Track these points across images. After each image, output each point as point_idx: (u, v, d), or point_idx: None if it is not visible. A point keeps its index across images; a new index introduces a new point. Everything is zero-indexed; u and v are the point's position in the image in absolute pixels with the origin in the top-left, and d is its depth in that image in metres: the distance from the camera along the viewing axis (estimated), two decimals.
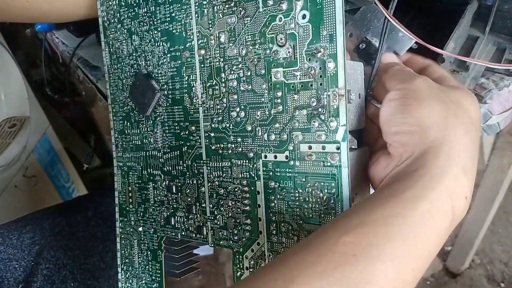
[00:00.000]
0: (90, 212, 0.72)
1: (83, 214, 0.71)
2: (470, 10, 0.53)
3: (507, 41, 0.58)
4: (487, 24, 0.55)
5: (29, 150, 1.00)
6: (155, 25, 0.49)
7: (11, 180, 0.96)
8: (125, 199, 0.54)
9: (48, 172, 1.09)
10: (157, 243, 0.51)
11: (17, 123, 0.92)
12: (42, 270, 0.62)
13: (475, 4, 0.54)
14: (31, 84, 0.97)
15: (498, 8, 0.54)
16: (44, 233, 0.65)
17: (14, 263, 0.61)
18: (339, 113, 0.36)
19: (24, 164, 0.99)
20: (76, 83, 0.81)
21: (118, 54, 0.53)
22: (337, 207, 0.37)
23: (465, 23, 0.53)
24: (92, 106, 1.07)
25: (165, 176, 0.50)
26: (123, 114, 0.53)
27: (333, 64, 0.36)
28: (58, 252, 0.65)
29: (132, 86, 0.51)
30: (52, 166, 1.10)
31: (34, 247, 0.64)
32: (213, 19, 0.43)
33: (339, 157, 0.36)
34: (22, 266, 0.61)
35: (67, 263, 0.65)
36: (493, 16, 0.54)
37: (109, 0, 0.52)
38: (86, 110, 1.09)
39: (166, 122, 0.49)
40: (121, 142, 0.54)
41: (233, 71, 0.43)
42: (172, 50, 0.47)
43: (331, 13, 0.36)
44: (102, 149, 0.60)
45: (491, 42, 0.58)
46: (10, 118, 0.90)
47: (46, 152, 1.08)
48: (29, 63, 1.02)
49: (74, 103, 0.94)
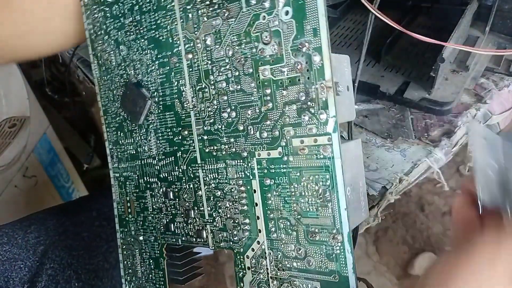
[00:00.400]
0: (94, 212, 0.73)
1: (87, 214, 0.72)
2: (470, 10, 0.54)
3: (507, 41, 0.59)
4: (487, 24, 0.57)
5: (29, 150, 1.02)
6: (141, 34, 0.49)
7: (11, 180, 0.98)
8: (124, 210, 0.54)
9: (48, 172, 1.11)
10: (159, 250, 0.51)
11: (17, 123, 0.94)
12: (46, 270, 0.63)
13: (475, 4, 0.55)
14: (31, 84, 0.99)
15: (498, 8, 0.55)
16: (49, 233, 0.66)
17: (19, 263, 0.62)
18: (328, 105, 0.37)
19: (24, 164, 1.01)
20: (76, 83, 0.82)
21: (107, 66, 0.53)
22: (333, 198, 0.37)
23: (465, 23, 0.54)
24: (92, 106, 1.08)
25: (161, 183, 0.50)
26: (116, 125, 0.54)
27: (319, 57, 0.37)
28: (63, 252, 0.65)
29: (122, 96, 0.52)
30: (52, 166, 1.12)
31: (39, 247, 0.64)
32: (198, 22, 0.44)
33: (331, 148, 0.37)
34: (27, 266, 0.62)
35: (71, 262, 0.66)
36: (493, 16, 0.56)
37: (94, 13, 0.53)
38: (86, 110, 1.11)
39: (159, 129, 0.49)
40: (116, 152, 0.54)
41: (221, 72, 0.43)
42: (160, 57, 0.48)
43: (313, 8, 0.36)
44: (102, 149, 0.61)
45: (491, 42, 0.59)
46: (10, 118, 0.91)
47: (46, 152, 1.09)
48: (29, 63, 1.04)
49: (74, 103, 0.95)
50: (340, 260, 0.38)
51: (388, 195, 0.54)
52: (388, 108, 0.61)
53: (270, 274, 0.42)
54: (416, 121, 0.59)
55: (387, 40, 0.63)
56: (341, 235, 0.37)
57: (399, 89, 0.60)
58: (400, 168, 0.55)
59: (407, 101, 0.59)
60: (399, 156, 0.56)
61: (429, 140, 0.57)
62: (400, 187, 0.54)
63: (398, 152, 0.56)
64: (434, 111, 0.58)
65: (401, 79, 0.61)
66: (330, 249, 0.38)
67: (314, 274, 0.39)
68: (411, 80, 0.60)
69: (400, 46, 0.65)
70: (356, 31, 0.68)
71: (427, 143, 0.57)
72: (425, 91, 0.58)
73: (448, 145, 0.57)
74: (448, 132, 0.57)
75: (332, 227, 0.38)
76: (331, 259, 0.38)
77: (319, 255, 0.39)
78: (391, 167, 0.55)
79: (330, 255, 0.38)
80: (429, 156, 0.55)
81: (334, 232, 0.38)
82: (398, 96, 0.59)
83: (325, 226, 0.38)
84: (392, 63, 0.63)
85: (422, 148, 0.57)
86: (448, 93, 0.57)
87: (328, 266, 0.38)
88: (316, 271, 0.39)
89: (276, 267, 0.42)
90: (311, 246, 0.39)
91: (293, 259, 0.41)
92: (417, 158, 0.56)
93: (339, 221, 0.37)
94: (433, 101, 0.57)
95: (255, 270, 0.43)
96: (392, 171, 0.54)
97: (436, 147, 0.56)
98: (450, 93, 0.57)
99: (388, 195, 0.54)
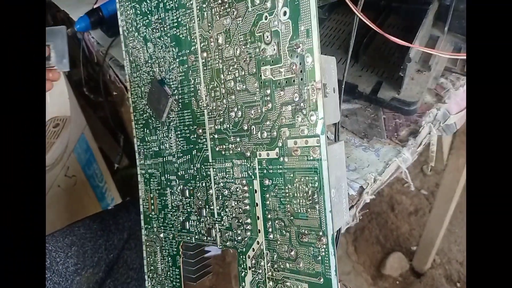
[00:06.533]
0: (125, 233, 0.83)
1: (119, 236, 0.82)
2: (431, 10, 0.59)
3: (463, 41, 0.64)
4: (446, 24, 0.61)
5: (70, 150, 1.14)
6: (165, 31, 0.57)
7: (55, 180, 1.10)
8: (148, 206, 0.63)
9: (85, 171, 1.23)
10: (176, 248, 0.59)
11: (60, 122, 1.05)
12: None
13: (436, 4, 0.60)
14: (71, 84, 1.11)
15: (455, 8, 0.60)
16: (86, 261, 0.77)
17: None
18: (318, 107, 0.43)
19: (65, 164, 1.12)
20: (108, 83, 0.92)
21: (136, 63, 0.62)
22: (320, 200, 0.43)
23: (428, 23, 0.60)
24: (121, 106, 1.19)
25: (179, 180, 0.58)
26: (142, 121, 0.62)
27: (311, 58, 0.42)
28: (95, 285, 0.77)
29: (149, 93, 0.60)
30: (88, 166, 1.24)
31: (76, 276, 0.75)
32: (212, 21, 0.51)
33: (319, 150, 0.43)
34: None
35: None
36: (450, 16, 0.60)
37: (127, 9, 0.62)
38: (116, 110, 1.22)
39: (178, 127, 0.57)
40: (142, 149, 0.63)
41: (230, 72, 0.50)
42: (180, 55, 0.56)
43: (306, 8, 0.42)
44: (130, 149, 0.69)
45: (450, 42, 0.64)
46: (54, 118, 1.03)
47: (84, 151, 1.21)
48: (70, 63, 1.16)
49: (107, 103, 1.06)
50: (325, 262, 0.43)
51: (365, 195, 0.59)
52: (365, 108, 0.67)
53: (267, 274, 0.49)
54: (388, 121, 0.63)
55: (364, 39, 0.68)
56: (326, 238, 0.43)
57: (373, 89, 0.65)
58: (374, 168, 0.60)
59: (380, 101, 0.64)
60: (373, 156, 0.61)
61: (398, 140, 0.62)
62: (375, 186, 0.60)
63: (373, 152, 0.61)
64: (402, 110, 0.63)
65: (375, 79, 0.66)
66: (317, 251, 0.44)
67: (303, 276, 0.45)
68: (383, 80, 0.65)
69: (374, 46, 0.70)
70: (338, 30, 0.73)
71: (397, 143, 0.62)
72: (395, 91, 0.63)
73: (414, 145, 0.61)
74: (414, 132, 0.62)
75: (318, 229, 0.44)
76: (318, 261, 0.44)
77: (308, 257, 0.45)
78: (367, 167, 0.60)
79: (316, 257, 0.44)
80: (398, 156, 0.60)
81: (321, 234, 0.43)
82: (372, 96, 0.64)
83: (313, 228, 0.44)
84: (368, 63, 0.68)
85: (392, 148, 0.62)
86: (414, 93, 0.62)
87: (315, 268, 0.44)
88: (305, 272, 0.45)
89: (272, 268, 0.48)
90: (301, 247, 0.45)
91: (286, 260, 0.47)
92: (389, 158, 0.61)
93: (325, 223, 0.43)
94: (402, 100, 0.62)
95: (255, 270, 0.50)
96: (368, 171, 0.60)
97: (404, 147, 0.61)
98: (416, 92, 0.62)
99: (364, 195, 0.59)
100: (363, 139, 0.62)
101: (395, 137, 0.62)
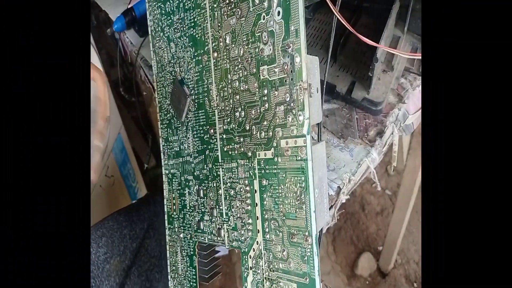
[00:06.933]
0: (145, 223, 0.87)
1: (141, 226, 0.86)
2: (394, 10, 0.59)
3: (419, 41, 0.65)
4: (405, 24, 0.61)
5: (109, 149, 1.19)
6: (184, 31, 0.59)
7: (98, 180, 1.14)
8: (171, 207, 0.65)
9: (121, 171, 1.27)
10: (193, 248, 0.61)
11: None
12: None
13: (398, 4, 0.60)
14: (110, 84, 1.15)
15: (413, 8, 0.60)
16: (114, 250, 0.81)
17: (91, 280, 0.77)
18: (304, 107, 0.43)
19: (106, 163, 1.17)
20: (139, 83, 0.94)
21: (161, 63, 0.64)
22: (306, 200, 0.44)
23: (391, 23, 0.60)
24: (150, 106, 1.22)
25: (195, 181, 0.60)
26: (166, 121, 0.64)
27: (299, 58, 0.43)
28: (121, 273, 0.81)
29: (171, 93, 0.62)
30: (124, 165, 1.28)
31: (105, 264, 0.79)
32: (221, 21, 0.53)
33: (306, 150, 0.43)
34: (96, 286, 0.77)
35: None
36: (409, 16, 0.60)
37: (155, 9, 0.64)
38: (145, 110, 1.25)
39: (194, 127, 0.59)
40: (166, 149, 0.65)
41: (235, 72, 0.51)
42: (196, 55, 0.57)
43: (296, 8, 0.43)
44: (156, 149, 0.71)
45: (408, 42, 0.65)
46: None
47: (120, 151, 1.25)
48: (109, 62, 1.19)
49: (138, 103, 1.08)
50: (310, 262, 0.44)
51: (341, 194, 0.60)
52: (341, 108, 0.67)
53: (265, 274, 0.49)
54: (359, 121, 0.63)
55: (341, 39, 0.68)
56: (311, 238, 0.44)
57: (349, 88, 0.65)
58: (349, 168, 0.60)
59: (353, 101, 0.64)
60: (348, 156, 0.61)
61: (367, 140, 0.62)
62: (349, 186, 0.60)
63: (348, 152, 0.61)
64: (371, 110, 0.63)
65: (350, 79, 0.66)
66: (304, 251, 0.44)
67: (293, 276, 0.46)
68: (356, 80, 0.65)
69: (350, 46, 0.69)
70: (321, 30, 0.72)
71: (367, 143, 0.62)
72: (365, 91, 0.63)
73: (380, 145, 0.62)
74: (380, 132, 0.62)
75: (305, 229, 0.44)
76: (304, 261, 0.44)
77: (296, 257, 0.45)
78: (343, 167, 0.60)
79: (303, 257, 0.45)
80: (367, 156, 0.61)
81: (307, 234, 0.44)
82: (347, 96, 0.64)
83: (300, 228, 0.45)
84: (344, 63, 0.67)
85: (363, 148, 0.62)
86: (380, 93, 0.62)
87: (302, 268, 0.45)
88: (295, 272, 0.46)
89: (268, 268, 0.49)
90: (292, 247, 0.46)
91: (279, 260, 0.47)
92: (360, 158, 0.61)
93: (310, 224, 0.44)
94: (370, 101, 0.62)
95: (255, 270, 0.51)
96: (344, 171, 0.60)
97: (372, 147, 0.62)
98: (381, 93, 0.62)
99: (341, 195, 0.60)
100: (340, 139, 0.63)
101: (365, 137, 0.62)
